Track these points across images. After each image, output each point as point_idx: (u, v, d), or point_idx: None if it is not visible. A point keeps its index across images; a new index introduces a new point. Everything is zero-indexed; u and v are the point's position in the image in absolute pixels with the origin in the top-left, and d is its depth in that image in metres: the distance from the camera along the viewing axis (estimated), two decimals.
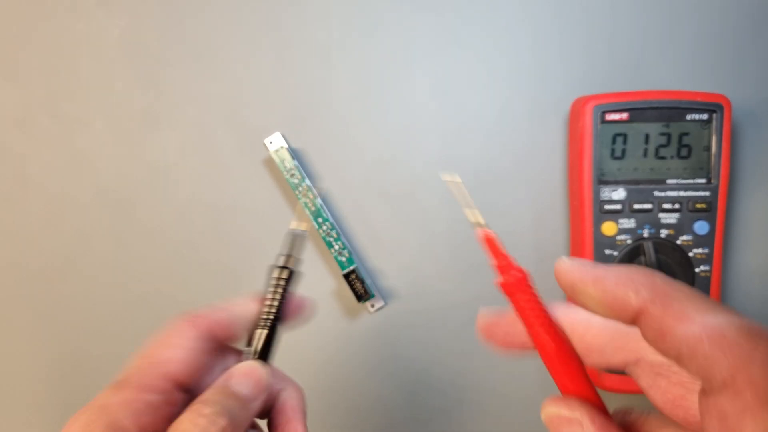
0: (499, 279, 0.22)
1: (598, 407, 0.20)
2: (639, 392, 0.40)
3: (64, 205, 0.42)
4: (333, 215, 0.41)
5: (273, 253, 0.41)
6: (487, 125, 0.41)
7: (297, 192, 0.39)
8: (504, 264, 0.22)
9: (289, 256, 0.27)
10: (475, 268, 0.42)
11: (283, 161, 0.39)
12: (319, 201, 0.40)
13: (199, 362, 0.24)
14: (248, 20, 0.41)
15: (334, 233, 0.40)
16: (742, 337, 0.15)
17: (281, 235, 0.41)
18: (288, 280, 0.26)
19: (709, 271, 0.38)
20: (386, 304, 0.42)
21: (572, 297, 0.19)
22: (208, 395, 0.23)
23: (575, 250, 0.40)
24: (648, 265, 0.38)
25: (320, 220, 0.40)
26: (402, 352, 0.41)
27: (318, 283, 0.42)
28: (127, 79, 0.41)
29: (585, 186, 0.38)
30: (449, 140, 0.41)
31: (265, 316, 0.26)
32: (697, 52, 0.41)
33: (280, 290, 0.26)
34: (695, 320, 0.16)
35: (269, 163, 0.42)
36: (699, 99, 0.38)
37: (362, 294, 0.40)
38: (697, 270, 0.38)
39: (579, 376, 0.20)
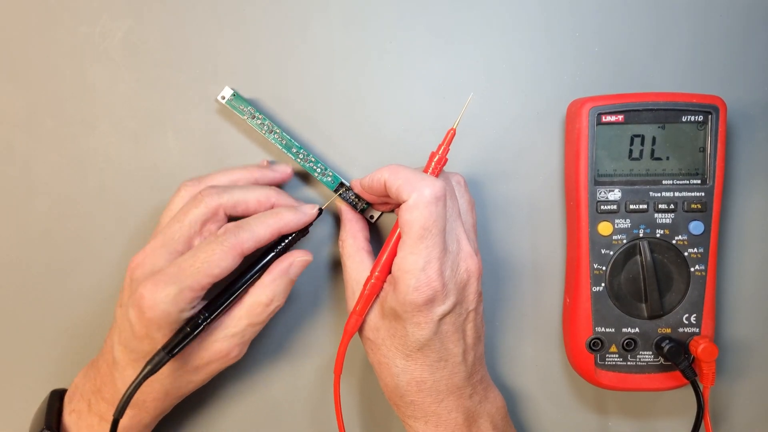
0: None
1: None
2: (635, 390, 0.41)
3: (68, 206, 0.42)
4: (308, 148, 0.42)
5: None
6: (485, 127, 0.42)
7: (263, 132, 0.40)
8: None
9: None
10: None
11: (250, 114, 0.40)
12: (287, 135, 0.40)
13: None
14: (251, 23, 0.42)
15: (311, 157, 0.40)
16: (415, 183, 0.34)
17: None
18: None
19: (704, 271, 0.39)
20: (383, 213, 0.42)
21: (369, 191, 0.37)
22: (270, 279, 0.36)
23: (571, 249, 0.41)
24: (644, 264, 0.38)
25: (294, 150, 0.40)
26: None
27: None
28: (131, 81, 0.42)
29: (581, 186, 0.39)
30: None
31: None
32: (692, 55, 0.41)
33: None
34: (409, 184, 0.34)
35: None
36: (694, 101, 0.38)
37: (357, 203, 0.41)
38: (692, 269, 0.39)
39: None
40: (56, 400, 0.39)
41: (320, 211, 0.38)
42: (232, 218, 0.37)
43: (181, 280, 0.33)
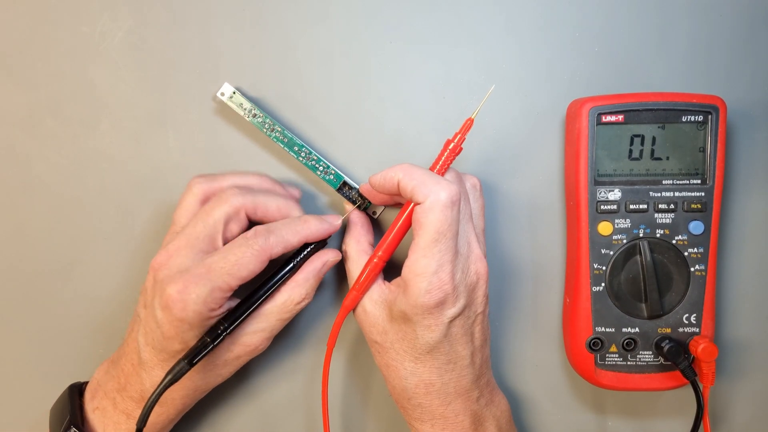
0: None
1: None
2: (635, 390, 0.41)
3: (69, 206, 0.42)
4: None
5: None
6: (485, 127, 0.42)
7: (264, 130, 0.40)
8: None
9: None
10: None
11: (250, 112, 0.40)
12: (289, 133, 0.40)
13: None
14: (252, 23, 0.42)
15: (313, 156, 0.40)
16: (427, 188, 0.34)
17: None
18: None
19: (704, 271, 0.39)
20: (385, 208, 0.42)
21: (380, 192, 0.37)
22: (304, 278, 0.37)
23: (571, 249, 0.41)
24: (644, 264, 0.38)
25: (296, 148, 0.40)
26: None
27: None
28: (131, 81, 0.42)
29: (581, 186, 0.39)
30: None
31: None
32: (692, 55, 0.41)
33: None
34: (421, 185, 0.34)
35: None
36: (694, 101, 0.38)
37: (359, 200, 0.41)
38: (692, 269, 0.39)
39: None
40: (76, 395, 0.38)
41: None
42: (251, 221, 0.37)
43: (211, 280, 0.33)
